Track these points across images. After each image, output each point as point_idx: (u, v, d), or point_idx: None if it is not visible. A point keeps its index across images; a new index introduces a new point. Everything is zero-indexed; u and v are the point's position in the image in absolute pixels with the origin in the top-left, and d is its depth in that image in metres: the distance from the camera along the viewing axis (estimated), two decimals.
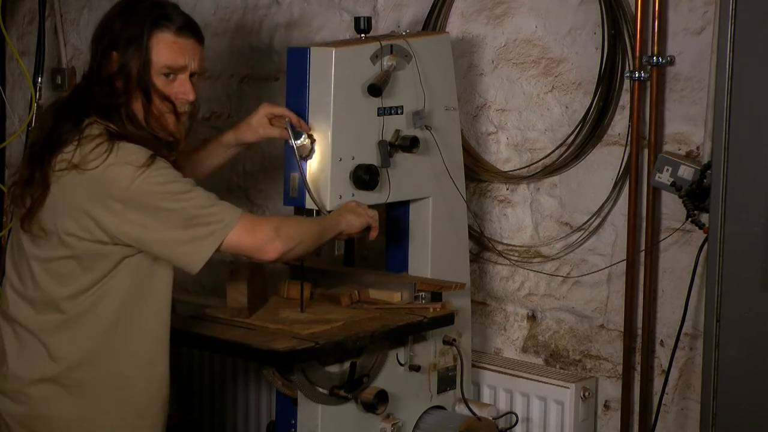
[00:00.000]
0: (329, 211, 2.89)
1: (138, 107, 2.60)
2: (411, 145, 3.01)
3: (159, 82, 2.60)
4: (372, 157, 2.97)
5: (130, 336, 2.61)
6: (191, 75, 2.66)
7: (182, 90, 2.64)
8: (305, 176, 2.88)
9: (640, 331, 3.25)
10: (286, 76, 2.95)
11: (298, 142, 2.87)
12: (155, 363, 2.65)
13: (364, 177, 2.92)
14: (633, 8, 3.17)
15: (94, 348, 2.59)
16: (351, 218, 2.84)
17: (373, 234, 2.90)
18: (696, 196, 3.02)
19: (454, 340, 3.17)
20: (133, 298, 2.59)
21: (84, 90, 2.65)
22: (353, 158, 2.93)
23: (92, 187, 2.48)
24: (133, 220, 2.49)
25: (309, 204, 2.90)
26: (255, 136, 2.99)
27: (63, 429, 2.60)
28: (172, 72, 2.62)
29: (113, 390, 2.61)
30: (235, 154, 3.10)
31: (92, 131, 2.52)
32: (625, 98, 3.24)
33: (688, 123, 3.14)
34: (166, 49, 2.60)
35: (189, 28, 2.64)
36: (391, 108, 3.00)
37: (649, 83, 3.16)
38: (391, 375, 3.03)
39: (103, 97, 2.58)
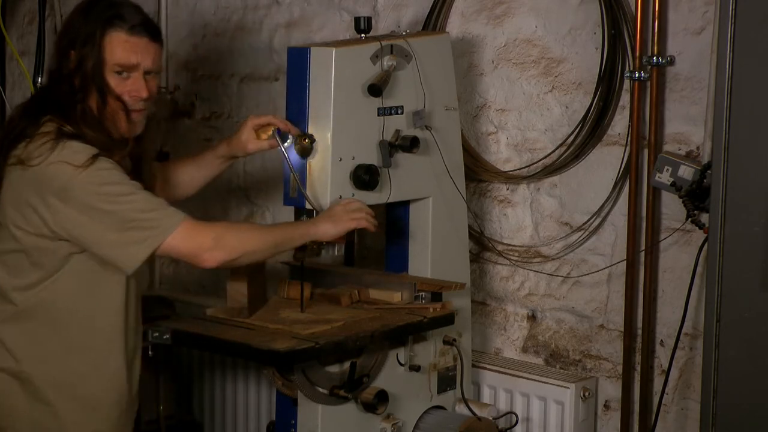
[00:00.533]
0: None
1: (94, 106, 2.67)
2: (411, 145, 3.01)
3: (112, 80, 2.67)
4: (372, 157, 2.97)
5: (83, 333, 2.69)
6: (146, 73, 2.71)
7: (134, 88, 2.69)
8: (296, 175, 2.87)
9: (640, 331, 3.25)
10: (286, 76, 2.95)
11: (286, 144, 2.87)
12: (108, 360, 2.72)
13: (364, 177, 2.92)
14: (633, 8, 3.17)
15: (47, 342, 2.67)
16: (326, 226, 2.79)
17: (370, 228, 2.86)
18: (696, 196, 3.02)
19: (454, 340, 3.17)
20: (85, 295, 2.67)
21: (46, 89, 2.76)
22: (353, 158, 2.93)
23: (33, 182, 2.57)
24: (69, 218, 2.56)
25: (309, 204, 2.90)
26: (244, 152, 3.04)
27: (15, 420, 2.68)
28: (124, 70, 2.67)
29: (66, 385, 2.69)
30: (228, 166, 3.15)
31: (45, 129, 2.60)
32: (625, 98, 3.24)
33: (688, 123, 3.14)
34: (118, 47, 2.66)
35: (143, 26, 2.70)
36: (391, 108, 3.00)
37: (649, 83, 3.16)
38: (391, 375, 3.03)
39: (61, 96, 2.66)
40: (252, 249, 2.70)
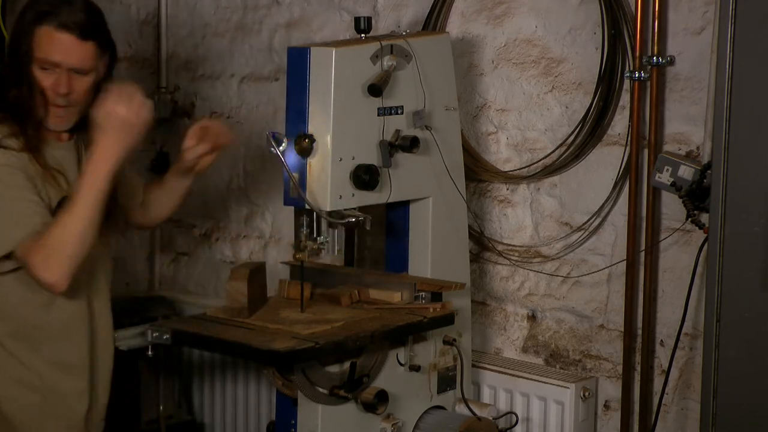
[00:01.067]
0: (329, 212, 2.89)
1: (23, 96, 2.76)
2: (411, 145, 3.00)
3: (38, 74, 2.75)
4: (372, 157, 2.96)
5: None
6: (75, 72, 2.75)
7: (56, 83, 2.74)
8: (293, 177, 2.87)
9: (640, 331, 3.25)
10: (286, 76, 2.95)
11: (281, 147, 2.87)
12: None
13: (364, 177, 2.92)
14: (633, 8, 3.17)
15: None
16: (113, 135, 2.67)
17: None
18: (696, 196, 3.02)
19: (454, 340, 3.17)
20: None
21: None
22: (353, 158, 2.93)
23: None
24: None
25: (308, 205, 2.90)
26: (186, 162, 3.04)
27: None
28: (48, 66, 2.74)
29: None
30: (189, 183, 3.14)
31: None
32: (625, 98, 3.24)
33: (688, 123, 3.14)
34: (45, 43, 2.73)
35: (76, 25, 2.73)
36: (391, 108, 3.00)
37: (649, 83, 3.16)
38: (391, 375, 3.03)
39: None
40: (79, 239, 2.65)
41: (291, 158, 2.89)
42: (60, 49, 2.73)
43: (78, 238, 2.63)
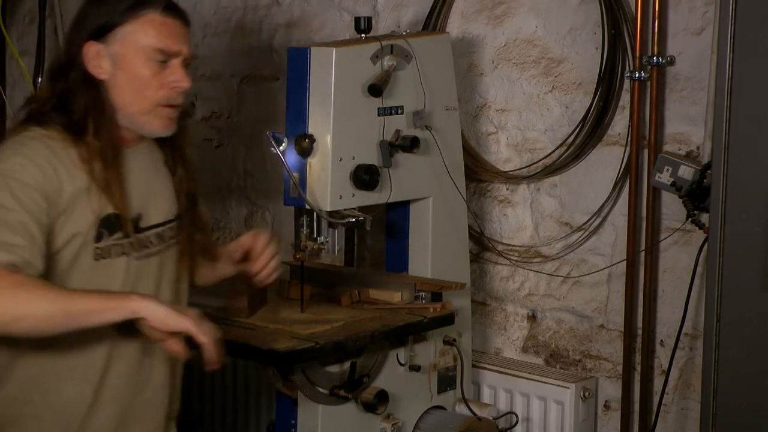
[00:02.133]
0: (329, 212, 2.89)
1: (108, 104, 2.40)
2: (411, 145, 3.00)
3: (147, 69, 2.39)
4: (372, 157, 2.97)
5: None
6: (185, 62, 2.43)
7: (176, 78, 2.40)
8: (294, 177, 2.87)
9: (640, 331, 3.25)
10: (286, 76, 2.95)
11: (281, 147, 2.87)
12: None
13: (365, 177, 2.92)
14: (633, 8, 3.17)
15: None
16: (158, 308, 2.23)
17: (208, 356, 2.30)
18: (696, 196, 3.02)
19: (454, 340, 3.17)
20: None
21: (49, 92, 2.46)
22: (353, 158, 2.93)
23: None
24: None
25: (308, 205, 2.90)
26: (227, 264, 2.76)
27: None
28: (165, 57, 2.39)
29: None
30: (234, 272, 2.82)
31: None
32: (625, 98, 3.24)
33: (688, 123, 3.14)
34: (154, 30, 2.38)
35: (175, 8, 2.42)
36: (391, 108, 3.00)
37: (649, 83, 3.16)
38: (391, 375, 3.03)
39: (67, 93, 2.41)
40: (30, 313, 2.18)
41: (291, 158, 2.89)
42: (174, 35, 2.37)
43: (35, 309, 2.19)
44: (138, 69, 2.36)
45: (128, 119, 2.40)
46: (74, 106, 2.36)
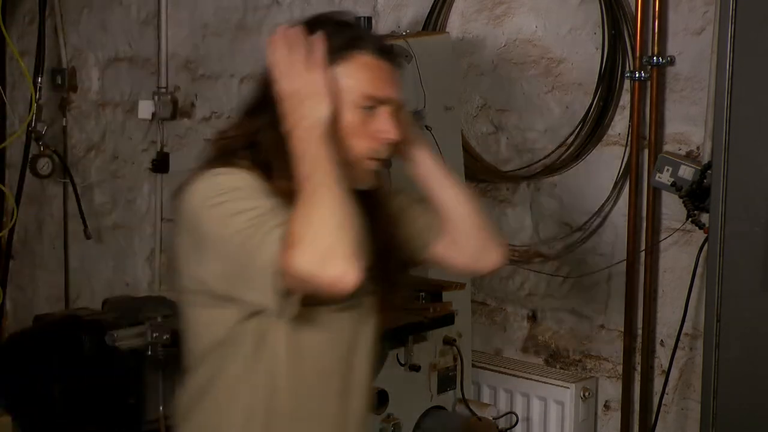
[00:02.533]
0: None
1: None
2: None
3: (353, 116, 2.03)
4: None
5: None
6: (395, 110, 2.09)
7: (384, 127, 2.05)
8: None
9: (640, 331, 3.24)
10: None
11: None
12: None
13: None
14: (633, 8, 3.17)
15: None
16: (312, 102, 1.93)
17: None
18: (696, 196, 3.02)
19: (454, 340, 3.17)
20: None
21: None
22: None
23: None
24: None
25: None
26: None
27: None
28: (374, 104, 2.05)
29: None
30: None
31: None
32: (625, 98, 3.24)
33: (688, 123, 3.14)
34: (366, 73, 2.04)
35: (386, 50, 2.08)
36: None
37: (649, 83, 3.16)
38: (391, 375, 3.03)
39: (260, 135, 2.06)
40: (335, 220, 1.86)
41: None
42: (385, 80, 2.03)
43: (329, 211, 1.85)
44: (343, 115, 2.01)
45: None
46: (263, 146, 2.03)
